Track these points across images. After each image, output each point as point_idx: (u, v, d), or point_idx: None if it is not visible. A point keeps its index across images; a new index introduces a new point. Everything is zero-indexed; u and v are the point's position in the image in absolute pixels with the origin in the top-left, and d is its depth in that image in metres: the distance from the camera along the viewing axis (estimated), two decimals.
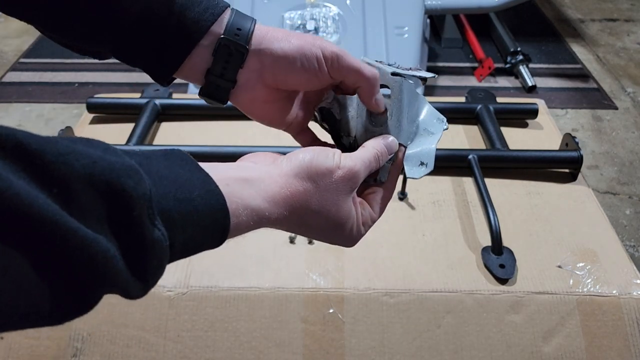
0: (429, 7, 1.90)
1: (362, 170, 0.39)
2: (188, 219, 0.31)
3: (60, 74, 2.12)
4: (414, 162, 0.45)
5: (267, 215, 0.36)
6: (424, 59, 1.75)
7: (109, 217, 0.27)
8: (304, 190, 0.37)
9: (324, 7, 1.67)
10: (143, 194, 0.28)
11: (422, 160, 0.45)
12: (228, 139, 0.91)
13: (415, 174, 0.44)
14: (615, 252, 0.72)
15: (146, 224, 0.28)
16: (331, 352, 0.64)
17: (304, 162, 0.38)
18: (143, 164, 0.30)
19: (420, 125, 0.47)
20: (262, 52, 0.42)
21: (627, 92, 2.07)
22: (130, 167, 0.28)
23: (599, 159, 1.74)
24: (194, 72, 0.43)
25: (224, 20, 0.41)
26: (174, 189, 0.31)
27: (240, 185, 0.35)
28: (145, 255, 0.28)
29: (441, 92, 2.03)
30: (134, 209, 0.27)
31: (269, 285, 0.67)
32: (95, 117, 0.98)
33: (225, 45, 0.41)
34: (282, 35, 0.42)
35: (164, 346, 0.64)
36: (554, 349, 0.64)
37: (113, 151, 0.29)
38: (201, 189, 0.32)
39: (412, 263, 0.70)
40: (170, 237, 0.30)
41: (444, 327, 0.65)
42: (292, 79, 0.43)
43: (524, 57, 2.06)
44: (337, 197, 0.38)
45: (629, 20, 2.60)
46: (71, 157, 0.26)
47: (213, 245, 0.34)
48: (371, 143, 0.43)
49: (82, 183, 0.26)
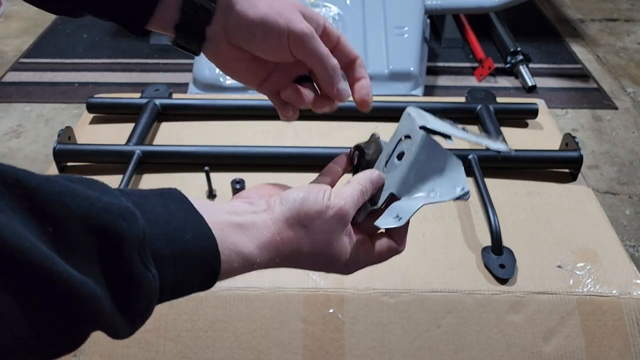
0: (429, 7, 1.90)
1: (351, 207, 0.40)
2: (180, 260, 0.31)
3: (60, 74, 2.12)
4: (391, 212, 0.43)
5: (258, 262, 0.37)
6: (424, 59, 1.75)
7: (101, 257, 0.27)
8: (296, 236, 0.38)
9: (324, 7, 1.67)
10: (136, 235, 0.28)
11: (398, 214, 0.43)
12: (228, 139, 0.91)
13: (381, 224, 0.42)
14: (615, 252, 0.72)
15: (137, 265, 0.28)
16: (331, 352, 0.64)
17: (294, 207, 0.38)
18: (139, 203, 0.31)
19: (433, 185, 0.45)
20: (228, 10, 0.41)
21: (627, 92, 2.07)
22: (126, 209, 0.29)
23: (599, 159, 1.74)
24: (165, 24, 0.42)
25: None
26: (168, 229, 0.31)
27: (234, 230, 0.36)
28: (135, 296, 0.29)
29: (441, 92, 2.03)
30: (125, 251, 0.28)
31: (269, 285, 0.67)
32: (95, 117, 0.98)
33: (191, 2, 0.40)
34: None
35: (164, 346, 0.64)
36: (554, 349, 0.64)
37: (110, 192, 0.29)
38: (195, 232, 0.33)
39: (412, 263, 0.70)
40: (161, 278, 0.30)
41: (444, 327, 0.65)
42: (253, 46, 0.42)
43: (524, 57, 2.06)
44: (329, 237, 0.39)
45: (629, 20, 2.60)
46: (68, 197, 0.27)
47: (203, 287, 0.34)
48: (356, 179, 0.43)
49: (77, 223, 0.26)
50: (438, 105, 0.99)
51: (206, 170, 0.77)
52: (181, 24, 0.41)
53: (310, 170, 0.84)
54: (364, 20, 1.65)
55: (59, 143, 0.84)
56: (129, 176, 0.78)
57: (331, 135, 0.87)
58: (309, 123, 0.92)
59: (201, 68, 1.47)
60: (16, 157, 1.70)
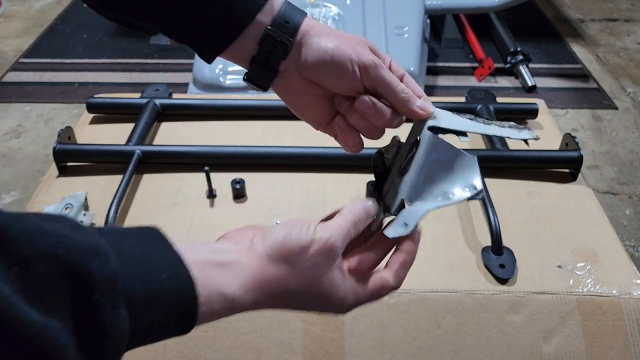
0: (429, 7, 1.90)
1: (340, 240, 0.37)
2: (154, 302, 0.30)
3: (60, 74, 2.12)
4: (400, 220, 0.42)
5: (242, 303, 0.35)
6: (424, 59, 1.75)
7: (70, 299, 0.26)
8: (280, 274, 0.36)
9: (324, 7, 1.67)
10: (107, 275, 0.27)
11: (405, 221, 0.42)
12: (228, 139, 0.91)
13: (389, 233, 0.41)
14: (615, 252, 0.72)
15: (106, 307, 0.27)
16: (331, 352, 0.64)
17: (276, 243, 0.36)
18: (116, 242, 0.30)
19: (445, 186, 0.42)
20: (303, 44, 0.42)
21: (627, 92, 2.07)
22: (98, 247, 0.27)
23: (599, 159, 1.74)
24: (240, 56, 0.43)
25: (273, 9, 0.42)
26: (143, 270, 0.30)
27: (216, 270, 0.34)
28: (102, 340, 0.27)
29: (441, 92, 2.03)
30: (95, 292, 0.26)
31: None
32: (95, 117, 0.98)
33: (270, 36, 0.42)
34: (326, 31, 0.43)
35: (164, 346, 0.64)
36: (554, 349, 0.64)
37: (82, 230, 0.28)
38: (170, 272, 0.31)
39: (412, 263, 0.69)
40: (133, 321, 0.29)
41: (444, 327, 0.65)
42: (324, 77, 0.43)
43: (524, 57, 2.06)
44: (317, 272, 0.37)
45: (629, 20, 2.60)
46: (37, 235, 0.25)
47: (180, 331, 0.33)
48: (348, 208, 0.40)
49: (45, 263, 0.25)
50: (438, 105, 0.99)
51: (206, 170, 0.77)
52: (257, 58, 0.43)
53: (310, 170, 0.84)
54: (364, 20, 1.65)
55: (59, 143, 0.84)
56: (129, 176, 0.78)
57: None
58: None
59: (201, 68, 1.47)
60: (16, 157, 1.70)
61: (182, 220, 0.76)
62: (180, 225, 0.75)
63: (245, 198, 0.80)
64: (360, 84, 0.42)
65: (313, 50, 0.42)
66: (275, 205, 0.79)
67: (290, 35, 0.42)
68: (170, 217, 0.76)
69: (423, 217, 0.41)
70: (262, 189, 0.81)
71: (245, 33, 0.42)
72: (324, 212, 0.78)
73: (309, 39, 0.42)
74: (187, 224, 0.75)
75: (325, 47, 0.42)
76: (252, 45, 0.42)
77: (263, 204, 0.79)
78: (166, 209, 0.77)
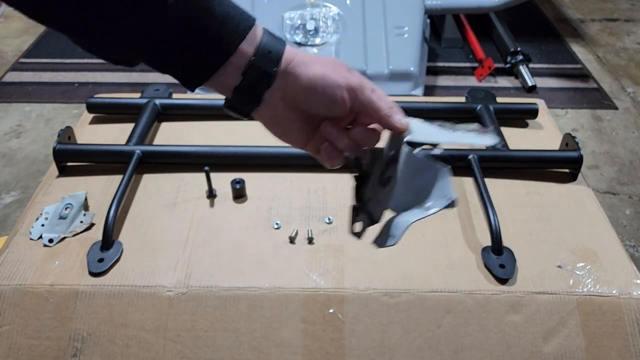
0: (429, 7, 1.90)
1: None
2: None
3: (60, 74, 2.12)
4: (386, 230, 0.45)
5: None
6: (424, 59, 1.75)
7: None
8: None
9: (324, 7, 1.67)
10: None
11: (392, 232, 0.45)
12: (228, 139, 0.91)
13: (377, 244, 0.44)
14: (615, 252, 0.72)
15: None
16: (331, 352, 0.64)
17: None
18: None
19: (425, 197, 0.46)
20: (288, 74, 0.44)
21: (627, 92, 2.07)
22: None
23: (599, 159, 1.75)
24: (223, 85, 0.44)
25: (255, 39, 0.43)
26: None
27: None
28: None
29: (441, 92, 2.03)
30: None
31: (269, 285, 0.67)
32: (95, 117, 0.98)
33: (255, 66, 0.43)
34: (309, 59, 0.44)
35: (164, 346, 0.64)
36: (554, 349, 0.64)
37: None
38: None
39: (412, 263, 0.70)
40: None
41: (444, 327, 0.65)
42: (313, 104, 0.45)
43: (524, 57, 2.06)
44: None
45: (629, 20, 2.60)
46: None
47: None
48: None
49: None
50: (438, 105, 0.99)
51: (206, 170, 0.77)
52: (240, 88, 0.44)
53: (310, 170, 0.84)
54: (364, 20, 1.65)
55: (59, 143, 0.84)
56: (129, 176, 0.78)
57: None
58: None
59: None
60: (16, 157, 1.70)
61: (182, 220, 0.76)
62: (180, 225, 0.75)
63: (245, 198, 0.80)
64: (347, 106, 0.44)
65: (301, 79, 0.43)
66: (275, 205, 0.79)
67: (275, 64, 0.43)
68: (170, 217, 0.76)
69: (407, 229, 0.45)
70: (262, 189, 0.81)
71: (228, 63, 0.43)
72: (324, 212, 0.78)
73: (295, 68, 0.43)
74: (187, 224, 0.75)
75: (314, 76, 0.43)
76: (236, 75, 0.43)
77: (263, 204, 0.79)
78: (166, 209, 0.77)
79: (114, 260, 0.69)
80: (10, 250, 0.71)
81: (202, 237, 0.73)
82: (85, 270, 0.68)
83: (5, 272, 0.68)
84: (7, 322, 0.64)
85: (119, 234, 0.73)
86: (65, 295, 0.65)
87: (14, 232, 0.74)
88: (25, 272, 0.68)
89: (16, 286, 0.66)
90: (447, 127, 0.47)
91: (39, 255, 0.70)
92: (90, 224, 0.74)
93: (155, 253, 0.70)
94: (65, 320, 0.64)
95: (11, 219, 1.48)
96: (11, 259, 0.70)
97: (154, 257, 0.70)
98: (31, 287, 0.66)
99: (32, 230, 0.73)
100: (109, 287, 0.66)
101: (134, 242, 0.72)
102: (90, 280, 0.67)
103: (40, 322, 0.64)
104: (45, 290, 0.66)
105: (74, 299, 0.65)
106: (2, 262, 0.69)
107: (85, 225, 0.74)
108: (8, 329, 0.64)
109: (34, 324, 0.64)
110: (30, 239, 0.72)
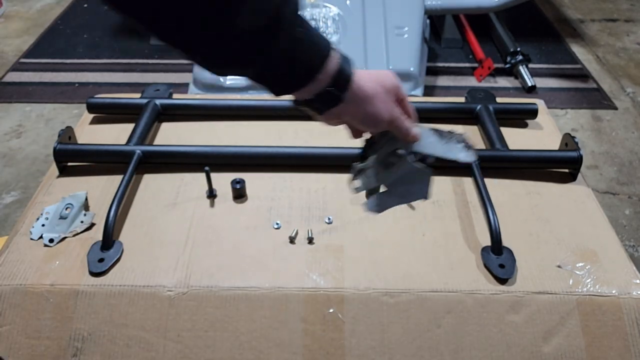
0: (429, 7, 1.90)
1: None
2: None
3: (60, 74, 2.12)
4: (374, 200, 0.62)
5: None
6: (424, 59, 1.75)
7: None
8: None
9: (324, 7, 1.67)
10: None
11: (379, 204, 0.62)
12: (228, 139, 0.91)
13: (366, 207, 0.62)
14: (615, 252, 0.72)
15: None
16: (331, 352, 0.64)
17: None
18: None
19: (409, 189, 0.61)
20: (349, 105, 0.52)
21: (627, 92, 2.08)
22: None
23: (599, 159, 1.75)
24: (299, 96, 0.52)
25: (332, 64, 0.49)
26: None
27: None
28: None
29: (441, 92, 2.03)
30: None
31: (269, 285, 0.67)
32: (95, 117, 0.98)
33: (327, 92, 0.50)
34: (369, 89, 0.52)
35: (164, 346, 0.64)
36: (554, 349, 0.64)
37: None
38: None
39: (412, 263, 0.70)
40: None
41: (444, 327, 0.65)
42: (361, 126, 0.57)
43: (523, 57, 2.06)
44: None
45: (629, 20, 2.60)
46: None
47: None
48: None
49: None
50: (438, 105, 0.99)
51: (206, 170, 0.77)
52: (311, 101, 0.51)
53: (310, 170, 0.84)
54: (364, 21, 1.65)
55: (59, 143, 0.84)
56: (129, 176, 0.78)
57: (331, 135, 0.87)
58: (309, 123, 0.92)
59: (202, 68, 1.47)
60: (16, 157, 1.70)
61: (182, 220, 0.76)
62: (180, 225, 0.75)
63: (245, 198, 0.80)
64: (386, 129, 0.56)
65: (358, 114, 0.53)
66: (275, 205, 0.79)
67: (344, 91, 0.50)
68: (170, 217, 0.76)
69: (390, 208, 0.62)
70: (262, 189, 0.81)
71: (306, 89, 0.50)
72: (324, 212, 0.78)
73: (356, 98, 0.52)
74: (187, 224, 0.75)
75: (369, 113, 0.53)
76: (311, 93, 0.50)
77: (263, 204, 0.79)
78: (166, 209, 0.77)
79: (114, 260, 0.69)
80: (11, 250, 0.71)
81: (203, 237, 0.73)
82: (85, 270, 0.68)
83: (6, 272, 0.68)
84: (8, 322, 0.64)
85: (119, 234, 0.73)
86: (65, 295, 0.66)
87: (15, 232, 0.74)
88: (26, 272, 0.68)
89: (16, 286, 0.66)
90: (442, 135, 0.60)
91: (40, 255, 0.70)
92: (90, 224, 0.74)
93: (156, 253, 0.70)
94: (66, 320, 0.64)
95: (11, 219, 1.48)
96: (11, 259, 0.70)
97: (154, 257, 0.70)
98: (31, 287, 0.66)
99: (32, 230, 0.73)
100: (109, 287, 0.66)
101: (134, 242, 0.72)
102: (90, 280, 0.67)
103: (41, 322, 0.64)
104: (45, 290, 0.66)
105: (74, 298, 0.65)
106: (3, 262, 0.69)
107: (86, 225, 0.74)
108: (8, 328, 0.64)
109: (34, 323, 0.64)
110: (31, 239, 0.72)
